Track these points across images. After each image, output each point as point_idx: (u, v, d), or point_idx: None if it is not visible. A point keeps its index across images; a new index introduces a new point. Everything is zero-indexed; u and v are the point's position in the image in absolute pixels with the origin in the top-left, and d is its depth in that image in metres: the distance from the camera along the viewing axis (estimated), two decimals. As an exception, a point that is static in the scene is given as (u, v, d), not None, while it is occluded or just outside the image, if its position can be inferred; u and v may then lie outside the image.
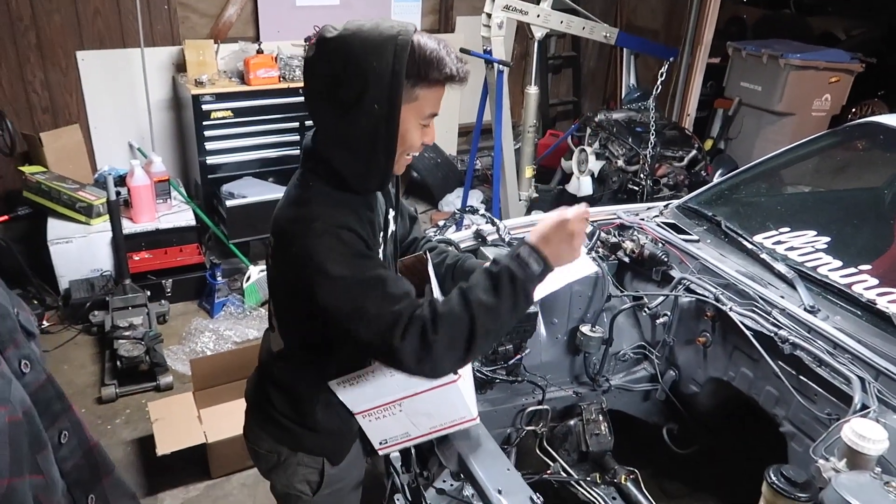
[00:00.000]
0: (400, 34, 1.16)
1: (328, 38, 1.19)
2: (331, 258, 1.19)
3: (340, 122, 1.21)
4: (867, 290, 1.90)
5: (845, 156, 2.73)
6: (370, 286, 1.20)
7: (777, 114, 5.26)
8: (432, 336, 1.16)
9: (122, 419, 2.98)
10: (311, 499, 1.52)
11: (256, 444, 1.52)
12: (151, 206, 3.76)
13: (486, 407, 2.06)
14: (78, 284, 3.59)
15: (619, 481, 2.07)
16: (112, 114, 4.20)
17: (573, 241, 1.24)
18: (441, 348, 1.17)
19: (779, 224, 2.27)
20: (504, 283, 1.20)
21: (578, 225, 1.24)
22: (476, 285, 1.21)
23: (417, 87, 1.20)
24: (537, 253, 1.22)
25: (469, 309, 1.18)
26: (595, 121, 4.57)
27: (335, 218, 1.22)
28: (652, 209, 2.56)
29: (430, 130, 1.29)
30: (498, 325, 1.21)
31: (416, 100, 1.22)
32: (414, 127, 1.25)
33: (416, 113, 1.23)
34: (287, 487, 1.52)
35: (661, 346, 2.26)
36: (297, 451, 1.47)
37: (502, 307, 1.19)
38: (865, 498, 1.21)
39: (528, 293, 1.22)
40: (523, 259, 1.21)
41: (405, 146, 1.26)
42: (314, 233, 1.20)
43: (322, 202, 1.25)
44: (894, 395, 1.61)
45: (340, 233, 1.21)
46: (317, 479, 1.50)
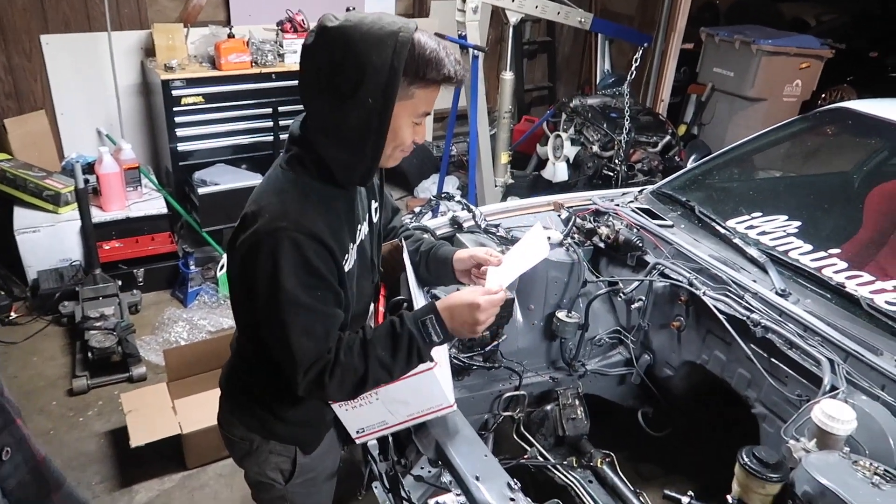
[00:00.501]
0: (401, 31, 1.16)
1: (329, 26, 1.18)
2: (285, 266, 1.19)
3: (333, 112, 1.20)
4: (836, 274, 1.94)
5: (816, 141, 2.76)
6: (304, 311, 1.23)
7: (749, 99, 5.32)
8: (327, 380, 1.26)
9: (95, 411, 2.94)
10: (284, 487, 1.52)
11: (230, 432, 1.51)
12: (121, 194, 3.69)
13: (464, 393, 2.06)
14: (46, 275, 3.51)
15: (596, 465, 2.10)
16: (79, 99, 4.10)
17: (476, 326, 1.31)
18: (331, 390, 1.28)
19: (751, 209, 2.30)
20: (402, 347, 1.29)
21: (487, 313, 1.31)
22: (378, 340, 1.29)
23: (414, 85, 1.20)
24: (441, 325, 1.30)
25: (366, 362, 1.28)
26: (570, 106, 4.58)
27: (306, 222, 1.21)
28: (627, 195, 2.57)
29: (422, 129, 1.29)
30: (388, 378, 1.33)
31: (412, 98, 1.22)
32: (406, 124, 1.25)
33: (410, 110, 1.24)
34: (259, 475, 1.51)
35: (636, 331, 2.28)
36: (269, 440, 1.46)
37: (396, 366, 1.30)
38: (834, 477, 1.24)
39: (423, 356, 1.32)
40: (426, 328, 1.30)
41: (397, 142, 1.26)
42: (279, 232, 1.19)
43: (299, 197, 1.24)
44: (862, 376, 1.64)
45: (305, 242, 1.20)
46: (289, 468, 1.49)
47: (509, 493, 1.41)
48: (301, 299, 1.21)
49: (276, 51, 4.12)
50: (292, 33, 4.18)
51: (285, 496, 1.54)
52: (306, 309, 1.22)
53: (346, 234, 1.33)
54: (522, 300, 2.24)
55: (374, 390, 1.40)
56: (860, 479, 1.24)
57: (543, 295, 2.23)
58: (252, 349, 1.41)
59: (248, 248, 1.22)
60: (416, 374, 1.38)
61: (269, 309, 1.23)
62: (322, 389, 1.27)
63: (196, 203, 3.93)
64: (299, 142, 1.29)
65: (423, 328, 1.29)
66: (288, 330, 1.22)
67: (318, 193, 1.27)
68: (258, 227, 1.21)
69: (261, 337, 1.31)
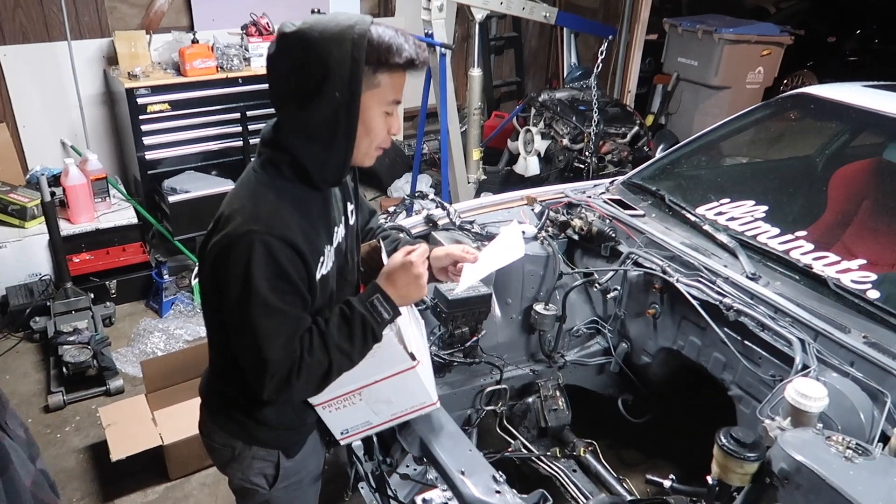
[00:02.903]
0: (357, 24, 1.19)
1: (287, 32, 1.20)
2: (256, 269, 1.19)
3: (302, 112, 1.22)
4: (804, 256, 1.98)
5: (779, 126, 2.82)
6: (274, 315, 1.22)
7: (714, 87, 5.40)
8: (294, 380, 1.26)
9: (72, 427, 2.89)
10: (268, 492, 1.51)
11: (211, 438, 1.50)
12: (89, 206, 3.62)
13: (446, 390, 2.07)
14: (15, 291, 3.44)
15: (579, 454, 2.13)
16: (41, 111, 4.02)
17: (419, 281, 1.33)
18: (299, 389, 1.29)
19: (719, 195, 2.35)
20: (357, 330, 1.30)
21: (422, 266, 1.34)
22: (334, 329, 1.29)
23: (378, 72, 1.22)
24: (387, 300, 1.32)
25: (328, 355, 1.28)
26: (539, 101, 4.61)
27: (278, 226, 1.21)
28: (598, 186, 2.60)
29: (395, 120, 1.30)
30: (350, 364, 1.33)
31: (378, 86, 1.23)
32: (377, 114, 1.26)
33: (379, 99, 1.24)
34: (243, 481, 1.51)
35: (612, 320, 2.32)
36: (251, 445, 1.46)
37: (355, 351, 1.31)
38: (809, 453, 1.27)
39: (377, 336, 1.33)
40: (375, 307, 1.32)
41: (371, 136, 1.27)
42: (251, 235, 1.19)
43: (273, 200, 1.24)
44: (832, 354, 1.69)
45: (276, 246, 1.20)
46: (272, 473, 1.49)
47: (495, 486, 1.43)
48: (271, 303, 1.21)
49: (241, 55, 4.08)
50: (257, 37, 4.14)
51: (270, 501, 1.53)
52: (276, 313, 1.22)
53: (322, 236, 1.33)
54: (500, 295, 2.26)
55: (357, 391, 1.41)
56: (834, 454, 1.28)
57: (520, 289, 2.26)
58: (226, 354, 1.40)
59: (220, 251, 1.22)
60: (398, 373, 1.38)
61: (239, 312, 1.22)
62: (289, 390, 1.27)
63: (167, 211, 3.88)
64: (272, 144, 1.29)
65: (373, 308, 1.31)
66: (257, 334, 1.22)
67: (291, 196, 1.27)
68: (230, 229, 1.21)
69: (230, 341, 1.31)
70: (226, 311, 1.26)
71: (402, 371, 1.39)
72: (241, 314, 1.22)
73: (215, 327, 1.39)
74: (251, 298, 1.20)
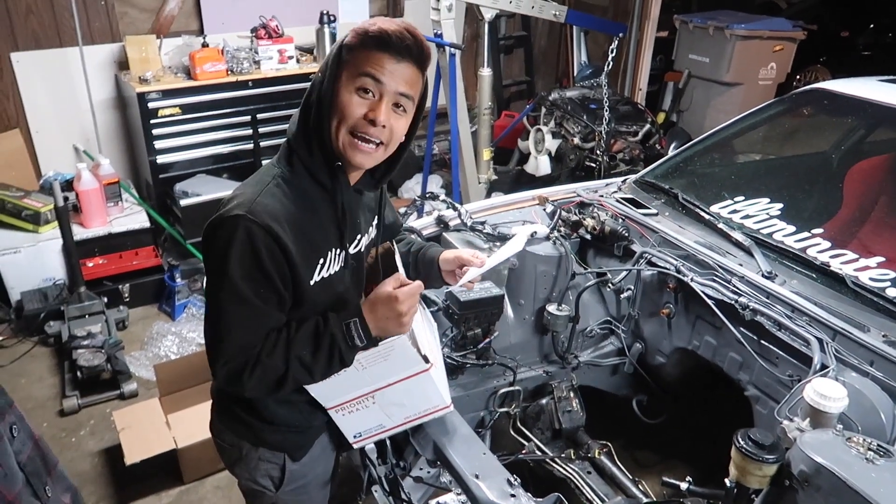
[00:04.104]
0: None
1: None
2: (234, 253, 1.18)
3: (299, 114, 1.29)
4: (821, 254, 1.96)
5: (793, 123, 2.79)
6: (241, 303, 1.21)
7: (725, 84, 5.36)
8: (246, 377, 1.24)
9: (87, 430, 2.91)
10: (275, 495, 1.51)
11: (220, 438, 1.51)
12: (102, 210, 3.65)
13: (459, 392, 2.06)
14: (30, 295, 3.47)
15: (593, 455, 2.11)
16: (54, 116, 4.05)
17: (401, 318, 1.26)
18: (249, 386, 1.26)
19: (733, 193, 2.32)
20: (324, 348, 1.25)
21: (407, 303, 1.26)
22: (301, 340, 1.25)
23: (352, 52, 1.22)
24: (363, 327, 1.26)
25: (287, 363, 1.24)
26: (549, 100, 4.59)
27: (266, 215, 1.19)
28: (610, 185, 2.58)
29: (376, 105, 1.20)
30: (308, 380, 1.30)
31: (348, 63, 1.21)
32: (347, 92, 1.20)
33: (349, 75, 1.20)
34: (250, 482, 1.51)
35: (626, 320, 2.29)
36: (258, 446, 1.46)
37: (316, 367, 1.27)
38: (829, 454, 1.25)
39: (345, 360, 1.28)
40: (349, 330, 1.26)
41: (340, 115, 1.21)
42: (237, 219, 1.18)
43: (273, 190, 1.24)
44: (851, 353, 1.66)
45: (259, 235, 1.18)
46: (278, 475, 1.49)
47: (509, 490, 1.41)
48: (240, 292, 1.19)
49: (251, 58, 4.10)
50: (267, 40, 4.15)
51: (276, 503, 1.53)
52: (243, 303, 1.20)
53: (329, 237, 1.31)
54: (512, 296, 2.25)
55: (370, 394, 1.40)
56: (854, 455, 1.25)
57: (533, 289, 2.24)
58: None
59: (209, 229, 1.23)
60: (411, 375, 1.37)
61: (211, 290, 1.23)
62: (240, 385, 1.25)
63: (179, 215, 3.89)
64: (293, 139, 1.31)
65: (347, 331, 1.26)
66: (221, 316, 1.21)
67: (298, 191, 1.26)
68: (223, 210, 1.22)
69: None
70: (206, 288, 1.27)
71: (415, 374, 1.37)
72: (213, 293, 1.22)
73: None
74: (222, 282, 1.19)
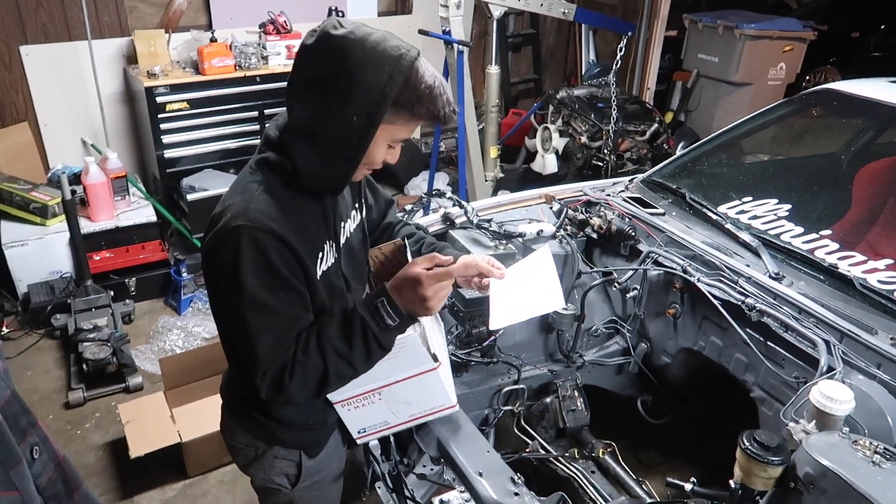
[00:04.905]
0: (402, 57, 1.15)
1: (333, 34, 1.15)
2: (244, 264, 1.17)
3: (315, 120, 1.18)
4: (829, 255, 1.94)
5: (803, 123, 2.77)
6: (264, 311, 1.20)
7: (734, 84, 5.34)
8: (287, 381, 1.22)
9: (92, 423, 2.92)
10: (291, 492, 1.51)
11: (233, 439, 1.50)
12: (109, 204, 3.66)
13: (463, 389, 2.06)
14: (37, 288, 3.49)
15: (597, 455, 2.10)
16: (62, 110, 4.06)
17: (427, 302, 1.23)
18: (293, 391, 1.23)
19: (741, 193, 2.31)
20: (357, 334, 1.23)
21: (431, 288, 1.23)
22: (333, 332, 1.23)
23: (400, 114, 1.19)
24: (393, 305, 1.24)
25: (324, 357, 1.22)
26: (557, 98, 4.58)
27: (266, 220, 1.18)
28: (617, 184, 2.57)
29: (395, 152, 1.28)
30: (352, 371, 1.27)
31: (394, 124, 1.21)
32: (382, 146, 1.24)
33: (390, 135, 1.23)
34: (265, 481, 1.51)
35: (632, 320, 2.29)
36: (273, 445, 1.46)
37: (355, 356, 1.24)
38: (835, 457, 1.24)
39: (382, 344, 1.25)
40: (378, 311, 1.24)
41: (368, 160, 1.24)
42: (239, 230, 1.17)
43: (263, 196, 1.21)
44: (858, 356, 1.65)
45: (265, 240, 1.17)
46: (294, 472, 1.49)
47: (513, 488, 1.41)
48: (261, 298, 1.18)
49: (259, 53, 4.10)
50: (275, 35, 4.15)
51: (292, 501, 1.53)
52: (266, 309, 1.19)
53: (321, 231, 1.31)
54: (518, 294, 2.24)
55: (377, 390, 1.40)
56: (860, 458, 1.24)
57: (538, 288, 2.23)
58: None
59: (211, 248, 1.21)
60: (419, 374, 1.37)
61: (230, 308, 1.21)
62: (284, 391, 1.23)
63: (185, 210, 3.90)
64: (274, 145, 1.27)
65: (376, 312, 1.24)
66: (248, 330, 1.20)
67: (283, 193, 1.24)
68: (219, 227, 1.20)
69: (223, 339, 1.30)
70: (218, 309, 1.26)
71: (423, 372, 1.37)
72: (232, 310, 1.21)
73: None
74: (240, 294, 1.18)
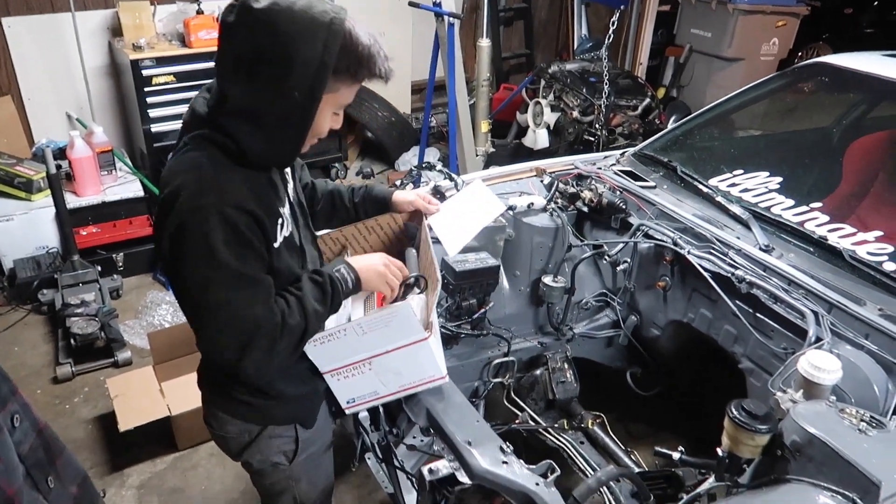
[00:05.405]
0: (333, 22, 1.11)
1: (254, 7, 1.10)
2: (217, 242, 1.13)
3: (252, 98, 1.14)
4: (819, 227, 1.95)
5: (795, 97, 2.76)
6: (245, 283, 1.18)
7: (727, 59, 5.31)
8: (279, 344, 1.23)
9: (81, 398, 2.91)
10: (289, 467, 1.51)
11: (223, 430, 1.47)
12: (95, 179, 3.61)
13: (453, 362, 2.06)
14: (23, 263, 3.45)
15: (586, 426, 2.11)
16: (46, 83, 3.98)
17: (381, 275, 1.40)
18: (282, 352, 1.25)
19: (732, 167, 2.30)
20: (328, 295, 1.31)
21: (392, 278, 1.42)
22: (310, 294, 1.28)
23: (341, 80, 1.18)
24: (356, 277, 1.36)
25: (305, 318, 1.26)
26: (549, 72, 4.54)
27: (230, 194, 1.15)
28: (609, 158, 2.56)
29: (340, 118, 1.28)
30: (318, 328, 1.33)
31: (337, 92, 1.20)
32: (327, 115, 1.24)
33: (333, 103, 1.23)
34: (263, 462, 1.50)
35: (622, 293, 2.29)
36: (268, 425, 1.45)
37: (324, 315, 1.32)
38: (822, 425, 1.25)
39: (340, 303, 1.36)
40: (344, 277, 1.35)
41: (315, 132, 1.24)
42: (205, 209, 1.13)
43: (216, 170, 1.17)
44: (847, 326, 1.66)
45: (234, 215, 1.14)
46: (292, 447, 1.49)
47: (502, 457, 1.41)
48: (243, 273, 1.16)
49: (247, 25, 4.02)
50: (263, 7, 4.08)
51: (291, 476, 1.53)
52: (249, 281, 1.18)
53: (275, 200, 1.28)
54: (508, 267, 2.23)
55: (367, 360, 1.40)
56: (847, 426, 1.25)
57: (529, 261, 2.23)
58: None
59: (174, 233, 1.15)
60: (410, 343, 1.37)
61: (207, 289, 1.16)
62: (272, 356, 1.22)
63: (173, 184, 3.86)
64: (207, 123, 1.21)
65: (342, 276, 1.34)
66: (237, 306, 1.16)
67: (234, 167, 1.20)
68: (179, 208, 1.14)
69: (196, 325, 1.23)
70: (191, 293, 1.19)
71: (414, 342, 1.37)
72: (210, 291, 1.16)
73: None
74: (220, 273, 1.14)
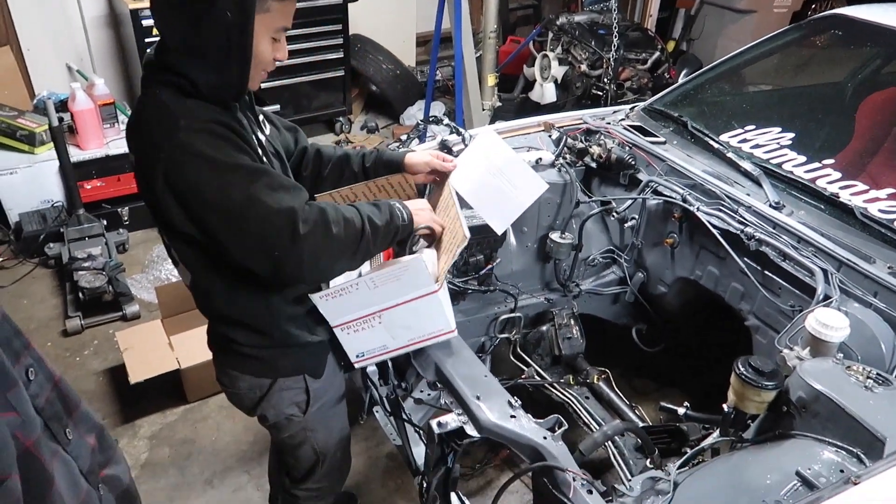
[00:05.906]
0: None
1: None
2: (212, 152, 1.15)
3: (190, 32, 1.15)
4: (830, 184, 1.93)
5: (809, 51, 2.70)
6: (258, 173, 1.18)
7: (739, 11, 5.18)
8: (335, 229, 1.21)
9: (91, 350, 2.94)
10: (304, 419, 1.54)
11: (235, 387, 1.50)
12: (98, 132, 3.57)
13: (460, 318, 2.07)
14: (29, 217, 3.45)
15: (592, 381, 2.14)
16: (45, 34, 3.91)
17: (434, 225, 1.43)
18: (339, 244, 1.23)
19: (744, 122, 2.27)
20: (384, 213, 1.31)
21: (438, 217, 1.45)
22: (363, 205, 1.30)
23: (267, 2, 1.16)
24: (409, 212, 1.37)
25: (361, 218, 1.27)
26: (557, 24, 4.44)
27: (199, 114, 1.17)
28: (618, 112, 2.52)
29: (282, 46, 1.26)
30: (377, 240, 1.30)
31: (268, 11, 1.18)
32: (264, 40, 1.21)
33: (267, 25, 1.19)
34: (277, 416, 1.53)
35: (629, 250, 2.29)
36: (278, 378, 1.47)
37: (380, 229, 1.30)
38: (828, 382, 1.26)
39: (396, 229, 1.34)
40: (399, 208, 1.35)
41: (259, 61, 1.22)
42: (185, 129, 1.15)
43: (181, 105, 1.18)
44: (856, 284, 1.65)
45: (214, 127, 1.17)
46: (304, 398, 1.51)
47: (510, 411, 1.43)
48: (249, 164, 1.18)
49: (248, -26, 3.93)
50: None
51: (306, 427, 1.56)
52: (258, 170, 1.19)
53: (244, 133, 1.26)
54: (515, 223, 2.21)
55: (377, 314, 1.41)
56: (853, 383, 1.26)
57: (536, 217, 2.22)
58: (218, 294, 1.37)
59: (165, 173, 1.16)
60: (420, 297, 1.37)
61: (228, 195, 1.16)
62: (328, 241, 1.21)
63: (177, 138, 3.82)
64: (160, 67, 1.22)
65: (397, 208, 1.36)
66: (259, 198, 1.16)
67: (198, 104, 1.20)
68: (162, 148, 1.15)
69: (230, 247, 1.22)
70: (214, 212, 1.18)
71: (423, 295, 1.38)
72: (230, 201, 1.16)
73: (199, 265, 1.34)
74: (229, 177, 1.16)
